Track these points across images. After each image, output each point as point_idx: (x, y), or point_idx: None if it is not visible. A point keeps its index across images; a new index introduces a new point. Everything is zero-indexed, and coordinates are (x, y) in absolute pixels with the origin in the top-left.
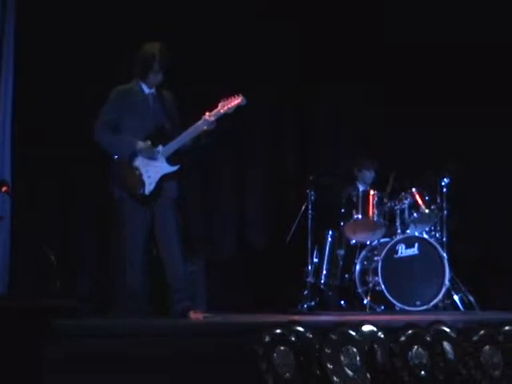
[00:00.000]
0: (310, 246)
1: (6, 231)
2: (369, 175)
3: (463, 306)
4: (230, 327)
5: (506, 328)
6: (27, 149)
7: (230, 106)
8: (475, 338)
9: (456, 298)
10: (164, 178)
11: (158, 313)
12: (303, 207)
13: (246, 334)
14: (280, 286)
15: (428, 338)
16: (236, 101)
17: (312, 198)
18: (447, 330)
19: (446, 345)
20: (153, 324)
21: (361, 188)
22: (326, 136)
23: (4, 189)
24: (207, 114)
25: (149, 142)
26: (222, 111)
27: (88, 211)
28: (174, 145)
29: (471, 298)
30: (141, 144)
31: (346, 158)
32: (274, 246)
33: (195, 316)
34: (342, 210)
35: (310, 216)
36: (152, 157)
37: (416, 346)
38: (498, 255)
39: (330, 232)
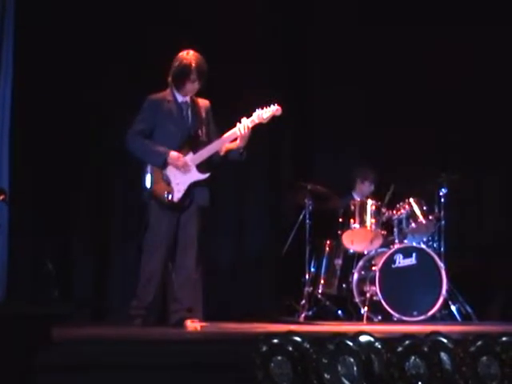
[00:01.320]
0: (307, 255)
1: (4, 238)
2: (369, 188)
3: (460, 317)
4: (226, 337)
5: (504, 339)
6: (25, 156)
7: (266, 115)
8: (472, 349)
9: (453, 308)
10: (193, 186)
11: (158, 320)
12: (301, 216)
13: (243, 344)
14: (277, 295)
15: (425, 349)
16: (272, 110)
17: (310, 207)
18: (444, 340)
19: (443, 355)
20: (150, 333)
21: (357, 198)
22: (324, 145)
23: (1, 197)
24: (243, 120)
25: (181, 156)
26: (257, 120)
27: (86, 217)
28: (204, 152)
29: (468, 309)
30: (173, 155)
31: (344, 167)
32: (272, 256)
33: (192, 325)
34: (340, 220)
35: (307, 225)
36: (184, 169)
37: (413, 357)
38: (495, 265)
39: (328, 241)
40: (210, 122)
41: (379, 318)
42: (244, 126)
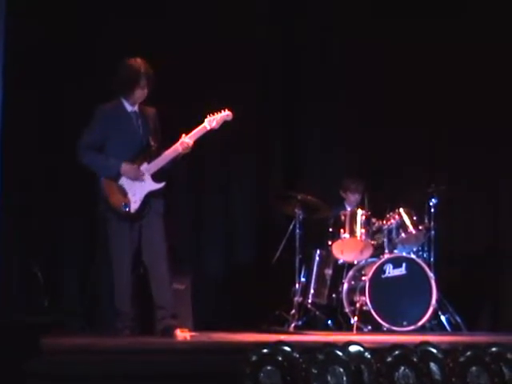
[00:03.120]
0: (297, 265)
1: None
2: (353, 198)
3: (450, 327)
4: (216, 346)
5: (493, 349)
6: (15, 165)
7: (217, 121)
8: (462, 359)
9: (443, 318)
10: (149, 196)
11: (144, 330)
12: (291, 226)
13: (233, 353)
14: (267, 305)
15: (415, 359)
16: (223, 116)
17: (300, 217)
18: (434, 350)
19: (432, 365)
20: (139, 342)
21: (348, 208)
22: (315, 155)
23: None
24: (184, 136)
25: (134, 165)
26: (208, 127)
27: (75, 227)
28: (159, 162)
29: (458, 319)
30: (125, 166)
31: (334, 177)
32: (262, 265)
33: (182, 335)
34: (330, 230)
35: (297, 235)
36: (137, 178)
37: (403, 367)
38: (484, 275)
39: (318, 251)
40: (158, 129)
41: (369, 327)
42: (187, 144)
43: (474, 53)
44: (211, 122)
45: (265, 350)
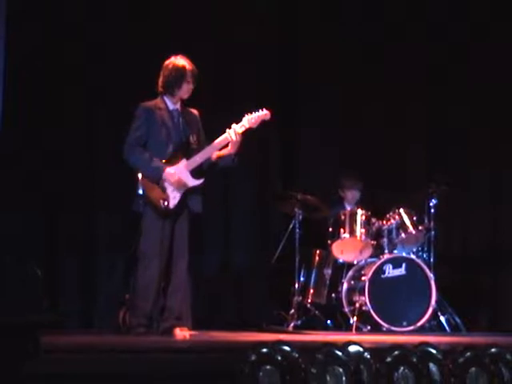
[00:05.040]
0: (297, 264)
1: None
2: (351, 195)
3: (449, 328)
4: (215, 346)
5: (492, 350)
6: (10, 164)
7: (255, 120)
8: (461, 360)
9: (442, 319)
10: (187, 192)
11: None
12: (290, 226)
13: (232, 353)
14: (266, 304)
15: (414, 359)
16: (261, 115)
17: (299, 216)
18: (433, 351)
19: (432, 366)
20: (138, 341)
21: (348, 207)
22: (313, 155)
23: None
24: (233, 126)
25: (176, 173)
26: (247, 125)
27: (73, 226)
28: (198, 158)
29: (457, 320)
30: (168, 172)
31: (333, 177)
32: (261, 265)
33: (181, 334)
34: (330, 229)
35: (297, 235)
36: (178, 187)
37: (402, 367)
38: (484, 276)
39: (317, 251)
40: (200, 130)
41: (368, 328)
42: (234, 131)
43: (474, 52)
44: (250, 120)
45: (264, 350)
